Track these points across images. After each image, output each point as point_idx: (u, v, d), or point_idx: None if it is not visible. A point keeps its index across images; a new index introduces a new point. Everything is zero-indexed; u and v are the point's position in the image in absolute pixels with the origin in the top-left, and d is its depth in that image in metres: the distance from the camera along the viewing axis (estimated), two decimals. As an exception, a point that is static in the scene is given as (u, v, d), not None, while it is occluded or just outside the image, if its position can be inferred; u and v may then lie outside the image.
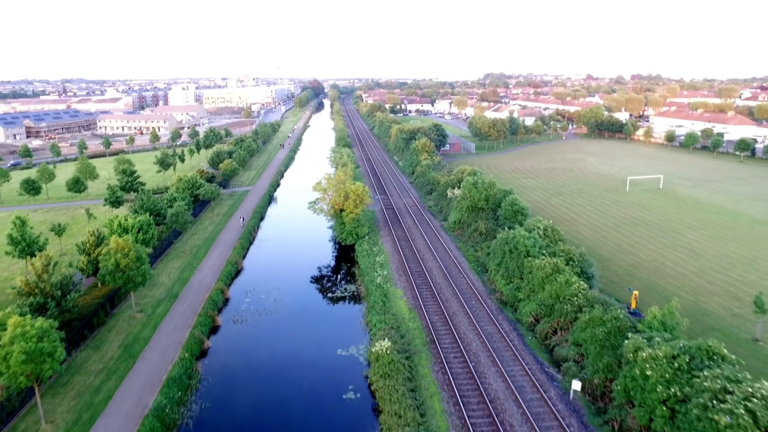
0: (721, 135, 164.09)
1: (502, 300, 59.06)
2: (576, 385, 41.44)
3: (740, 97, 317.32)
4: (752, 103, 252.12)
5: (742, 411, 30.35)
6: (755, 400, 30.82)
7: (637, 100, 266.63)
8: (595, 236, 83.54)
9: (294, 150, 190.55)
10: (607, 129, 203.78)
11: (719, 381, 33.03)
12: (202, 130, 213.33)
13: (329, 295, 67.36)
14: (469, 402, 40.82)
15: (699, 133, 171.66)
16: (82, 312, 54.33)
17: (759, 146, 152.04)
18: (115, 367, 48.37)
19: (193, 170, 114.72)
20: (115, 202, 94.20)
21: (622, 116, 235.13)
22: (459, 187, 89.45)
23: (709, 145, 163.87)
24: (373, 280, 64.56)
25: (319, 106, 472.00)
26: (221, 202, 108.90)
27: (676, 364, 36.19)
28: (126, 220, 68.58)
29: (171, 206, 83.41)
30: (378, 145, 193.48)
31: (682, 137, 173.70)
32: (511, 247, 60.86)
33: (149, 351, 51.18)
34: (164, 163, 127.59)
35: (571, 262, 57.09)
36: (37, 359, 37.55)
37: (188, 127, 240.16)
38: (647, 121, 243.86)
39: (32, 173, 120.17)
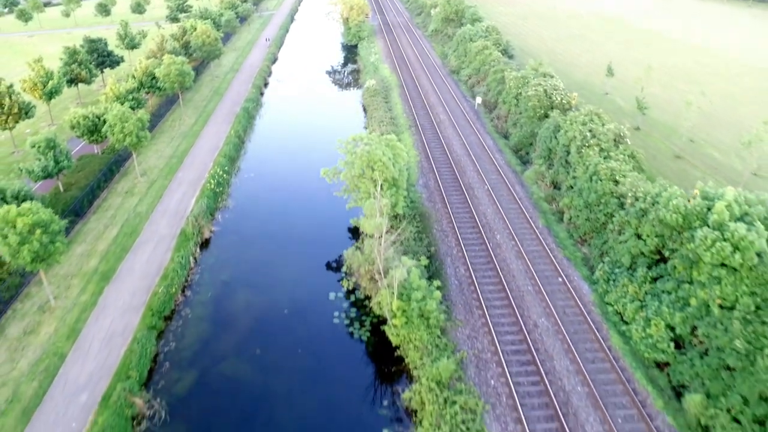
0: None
1: (452, 70, 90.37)
2: (478, 99, 74.05)
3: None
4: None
5: (541, 90, 62.48)
6: (548, 86, 62.81)
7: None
8: (538, 44, 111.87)
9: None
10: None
11: (538, 81, 64.88)
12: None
13: (339, 70, 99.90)
14: (415, 105, 73.94)
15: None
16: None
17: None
18: (211, 98, 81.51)
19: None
20: (174, 19, 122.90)
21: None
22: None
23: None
24: (368, 60, 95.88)
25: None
26: (253, 21, 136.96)
27: (525, 79, 67.99)
28: (196, 21, 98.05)
29: (222, 16, 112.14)
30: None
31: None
32: (461, 38, 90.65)
33: (229, 92, 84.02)
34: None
35: (497, 45, 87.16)
36: (183, 74, 70.16)
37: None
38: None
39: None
